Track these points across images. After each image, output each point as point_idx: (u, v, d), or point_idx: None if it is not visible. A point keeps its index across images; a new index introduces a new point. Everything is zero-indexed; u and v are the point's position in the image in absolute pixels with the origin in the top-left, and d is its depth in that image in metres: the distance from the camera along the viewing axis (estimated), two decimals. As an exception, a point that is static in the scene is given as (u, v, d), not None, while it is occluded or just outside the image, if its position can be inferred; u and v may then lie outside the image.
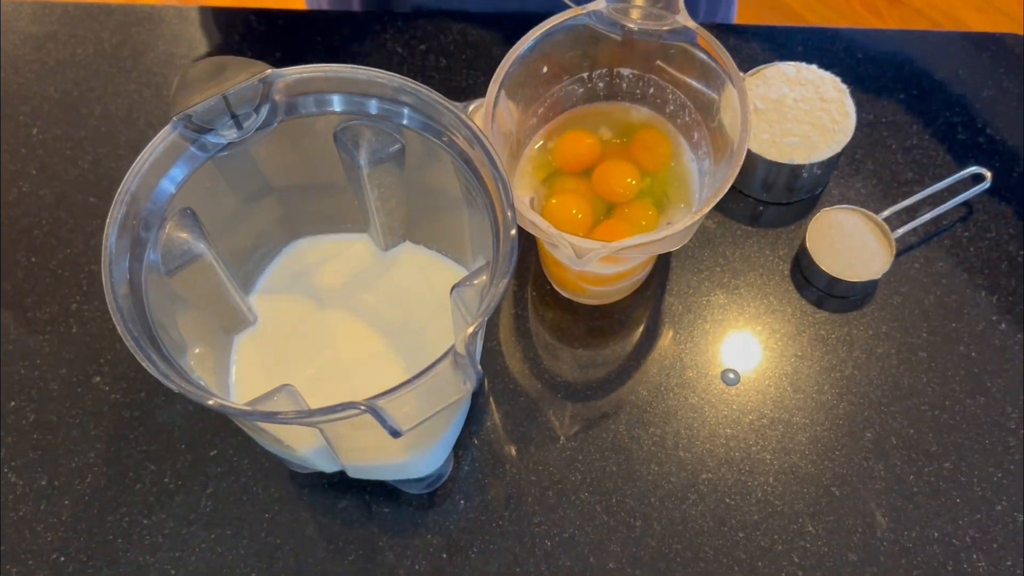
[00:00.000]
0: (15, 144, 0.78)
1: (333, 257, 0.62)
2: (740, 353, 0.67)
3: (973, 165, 0.72)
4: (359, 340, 0.59)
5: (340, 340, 0.59)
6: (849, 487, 0.62)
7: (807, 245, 0.68)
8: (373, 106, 0.52)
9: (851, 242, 0.68)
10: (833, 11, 2.12)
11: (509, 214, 0.46)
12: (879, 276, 0.66)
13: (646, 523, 0.61)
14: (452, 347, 0.42)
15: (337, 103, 0.52)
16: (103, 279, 0.46)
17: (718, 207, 0.73)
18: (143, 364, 0.43)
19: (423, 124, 0.51)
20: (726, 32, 0.82)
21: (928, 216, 0.70)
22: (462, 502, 0.62)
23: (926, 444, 0.63)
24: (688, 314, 0.68)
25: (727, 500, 0.62)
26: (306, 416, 0.42)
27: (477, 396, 0.65)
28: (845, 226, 0.68)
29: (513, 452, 0.63)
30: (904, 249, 0.70)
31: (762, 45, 0.81)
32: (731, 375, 0.66)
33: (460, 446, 0.63)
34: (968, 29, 2.03)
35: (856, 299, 0.68)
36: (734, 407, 0.65)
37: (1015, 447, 0.63)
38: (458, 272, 0.61)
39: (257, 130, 0.51)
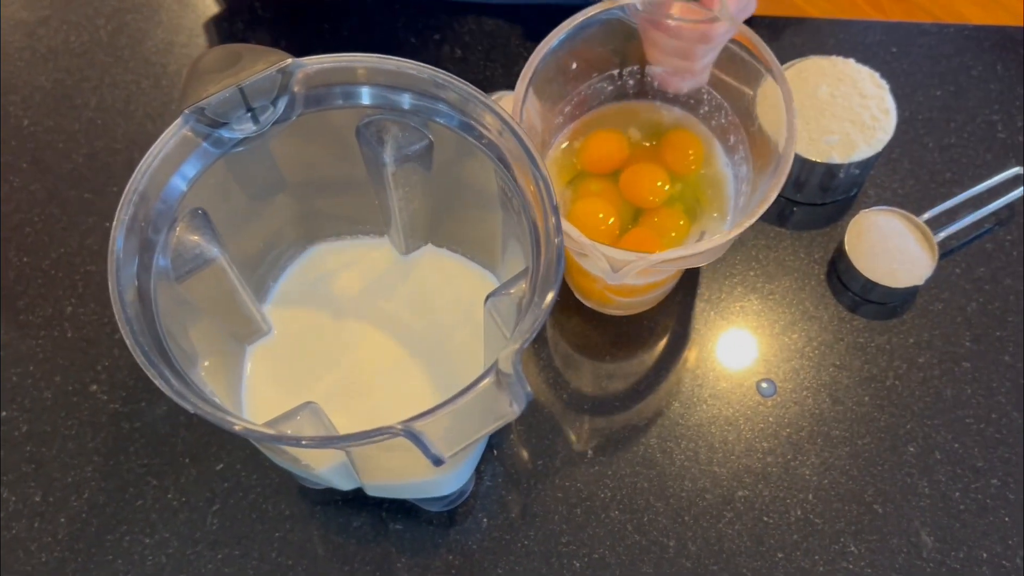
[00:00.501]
0: (5, 136, 0.73)
1: (351, 264, 0.58)
2: (775, 362, 0.63)
3: (1015, 165, 0.69)
4: (379, 352, 0.55)
5: (359, 352, 0.55)
6: (892, 504, 0.59)
7: (846, 248, 0.64)
8: (404, 100, 0.48)
9: (892, 245, 0.64)
10: (834, 5, 2.10)
11: (552, 220, 0.42)
12: (922, 282, 0.63)
13: (680, 543, 0.58)
14: (495, 364, 0.38)
15: (363, 96, 0.48)
16: (110, 287, 0.42)
17: (748, 207, 0.69)
18: (156, 382, 0.39)
19: (458, 120, 0.48)
20: (751, 24, 0.79)
21: (969, 219, 0.67)
22: (484, 520, 0.58)
23: (972, 459, 0.60)
24: (720, 321, 0.65)
25: (765, 518, 0.58)
26: (338, 442, 0.38)
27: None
28: (885, 229, 0.65)
29: (538, 467, 0.60)
30: (944, 253, 0.67)
31: (791, 38, 0.77)
32: (766, 386, 0.63)
33: (481, 461, 0.59)
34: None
35: (895, 305, 0.65)
36: (770, 419, 0.61)
37: (1064, 462, 0.60)
38: (484, 276, 0.57)
39: (274, 124, 0.47)
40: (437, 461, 0.36)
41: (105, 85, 0.76)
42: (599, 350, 0.64)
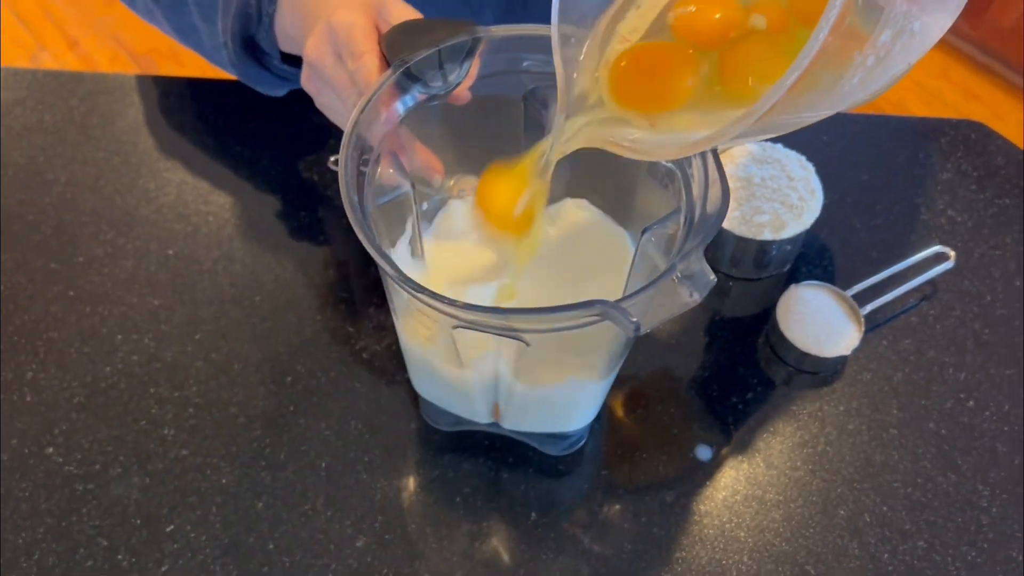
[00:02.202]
0: (-24, 208, 0.76)
1: None
2: (713, 429, 0.66)
3: (936, 244, 0.73)
4: (524, 282, 0.60)
5: (506, 284, 0.60)
6: (824, 565, 0.61)
7: (777, 320, 0.68)
8: None
9: (821, 318, 0.68)
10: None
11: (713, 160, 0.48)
12: (849, 352, 0.67)
13: (619, 603, 0.59)
14: (674, 265, 0.44)
15: (535, 63, 0.55)
16: (342, 192, 0.48)
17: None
18: (376, 256, 0.46)
19: None
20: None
21: (895, 294, 0.71)
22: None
23: (899, 522, 0.62)
24: (660, 389, 0.68)
25: (701, 579, 0.60)
26: (551, 312, 0.43)
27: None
28: (814, 302, 0.69)
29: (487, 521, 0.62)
30: (872, 326, 0.71)
31: (729, 125, 0.82)
32: (704, 451, 0.65)
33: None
34: (919, 120, 2.10)
35: (826, 375, 0.69)
36: (707, 484, 0.64)
37: (988, 526, 0.62)
38: (613, 226, 0.63)
39: (458, 84, 0.54)
40: (637, 328, 0.43)
41: (76, 162, 0.80)
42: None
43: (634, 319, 0.44)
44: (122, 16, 2.29)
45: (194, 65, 2.16)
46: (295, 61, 0.72)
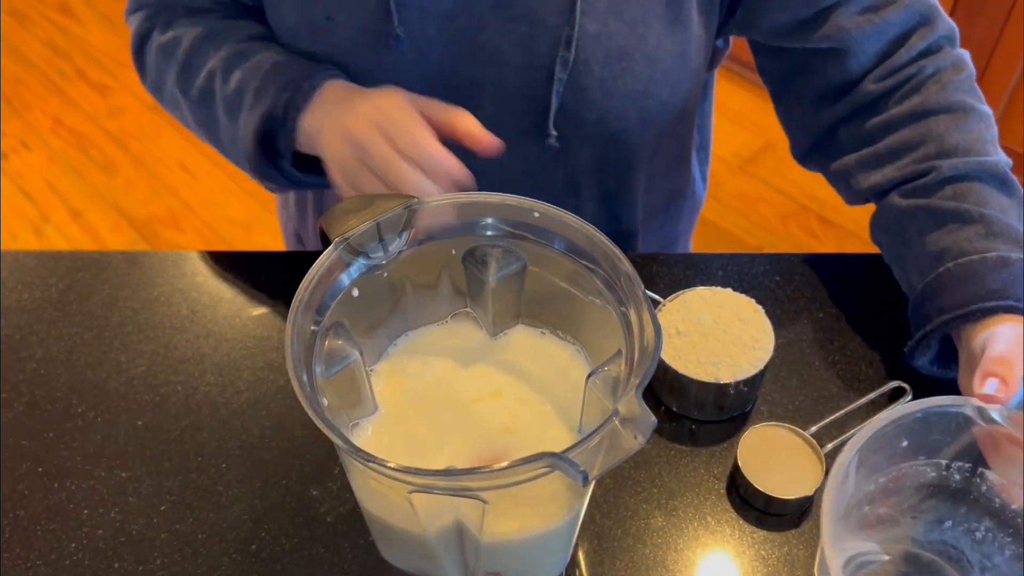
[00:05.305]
0: (-51, 390, 0.78)
1: (445, 345, 0.65)
2: (681, 577, 0.65)
3: (893, 380, 0.74)
4: (476, 425, 0.60)
5: (458, 428, 0.61)
6: None
7: (739, 463, 0.68)
8: (506, 228, 0.59)
9: (782, 458, 0.68)
10: (772, 234, 2.25)
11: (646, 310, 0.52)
12: (812, 492, 0.67)
13: None
14: (616, 410, 0.46)
15: (472, 227, 0.59)
16: (289, 371, 0.50)
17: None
18: (328, 433, 0.48)
19: (566, 244, 0.58)
20: (648, 261, 0.87)
21: (856, 431, 0.71)
22: None
23: (877, 669, 0.61)
24: (627, 538, 0.67)
25: None
26: (501, 469, 0.45)
27: None
28: (775, 443, 0.69)
29: None
30: (836, 464, 0.71)
31: (683, 272, 0.85)
32: (673, 602, 0.64)
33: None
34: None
35: (794, 516, 0.68)
36: (678, 636, 0.62)
37: (969, 668, 0.61)
38: (567, 348, 0.64)
39: (399, 252, 0.58)
40: (585, 478, 0.44)
41: (51, 338, 0.82)
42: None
43: (582, 469, 0.44)
44: (124, 186, 2.38)
45: (193, 230, 2.22)
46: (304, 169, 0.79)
